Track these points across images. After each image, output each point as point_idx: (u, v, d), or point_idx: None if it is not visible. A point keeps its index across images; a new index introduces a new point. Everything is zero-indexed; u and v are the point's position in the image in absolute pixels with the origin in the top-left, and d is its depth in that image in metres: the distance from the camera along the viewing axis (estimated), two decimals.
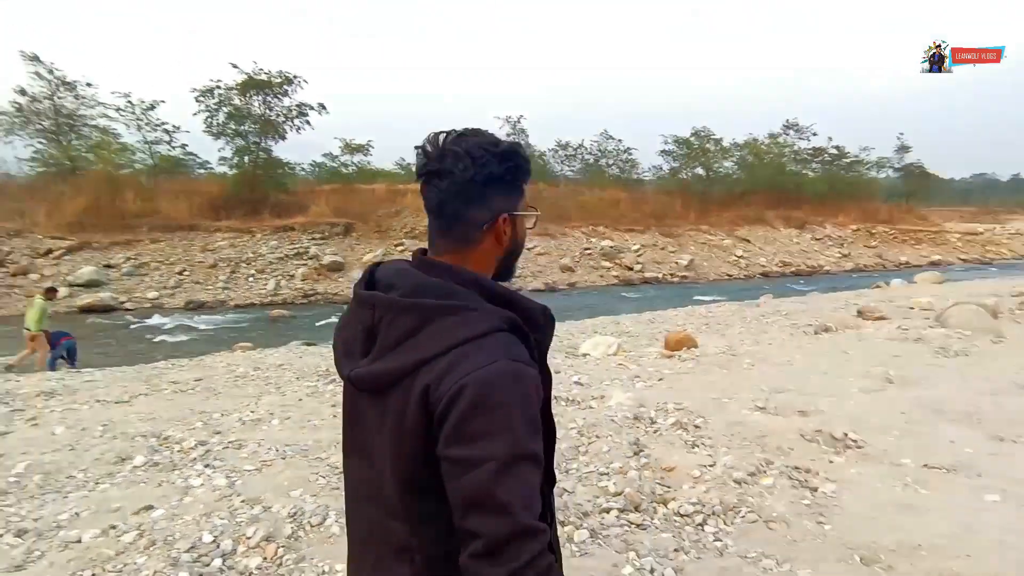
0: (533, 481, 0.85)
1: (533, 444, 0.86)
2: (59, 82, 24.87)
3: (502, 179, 1.00)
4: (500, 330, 0.90)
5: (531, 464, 0.86)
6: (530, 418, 0.87)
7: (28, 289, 18.23)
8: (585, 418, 4.77)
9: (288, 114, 26.32)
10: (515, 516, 0.82)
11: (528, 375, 0.88)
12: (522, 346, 0.92)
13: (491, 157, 0.97)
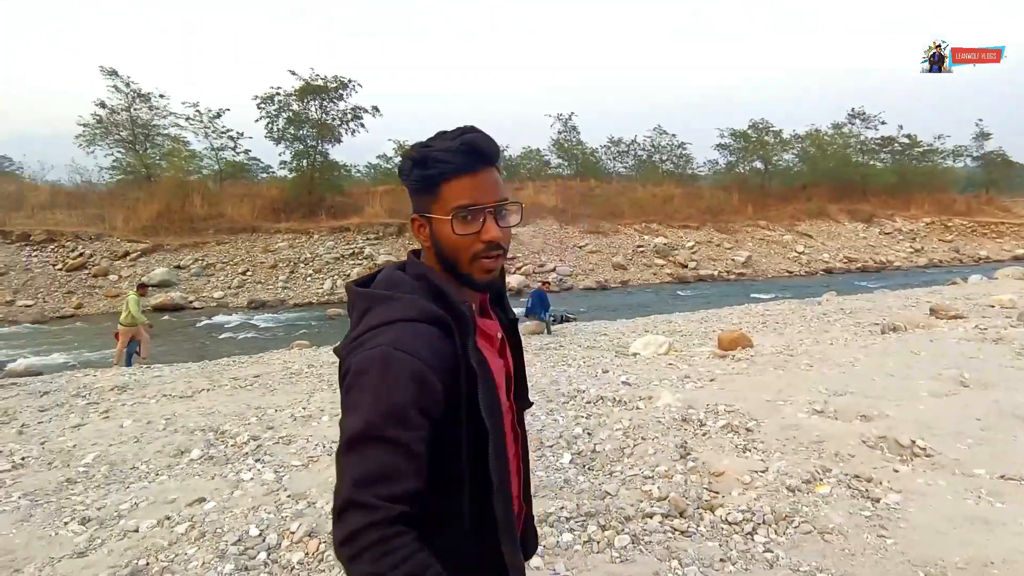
0: (379, 462, 0.86)
1: (388, 429, 0.87)
2: (135, 94, 26.39)
3: (414, 184, 1.02)
4: (407, 320, 0.93)
5: (381, 447, 0.86)
6: (391, 405, 0.88)
7: (108, 289, 19.46)
8: (631, 419, 4.66)
9: (343, 117, 27.03)
10: (349, 489, 0.85)
11: (401, 364, 0.89)
12: (427, 338, 0.93)
13: (408, 163, 1.02)
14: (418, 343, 0.91)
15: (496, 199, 1.00)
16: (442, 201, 0.98)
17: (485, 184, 0.99)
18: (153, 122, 27.19)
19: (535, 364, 7.85)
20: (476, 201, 0.97)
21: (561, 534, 2.94)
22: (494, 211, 1.00)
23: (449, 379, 0.93)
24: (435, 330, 0.94)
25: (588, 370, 7.11)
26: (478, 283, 1.01)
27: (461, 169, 0.97)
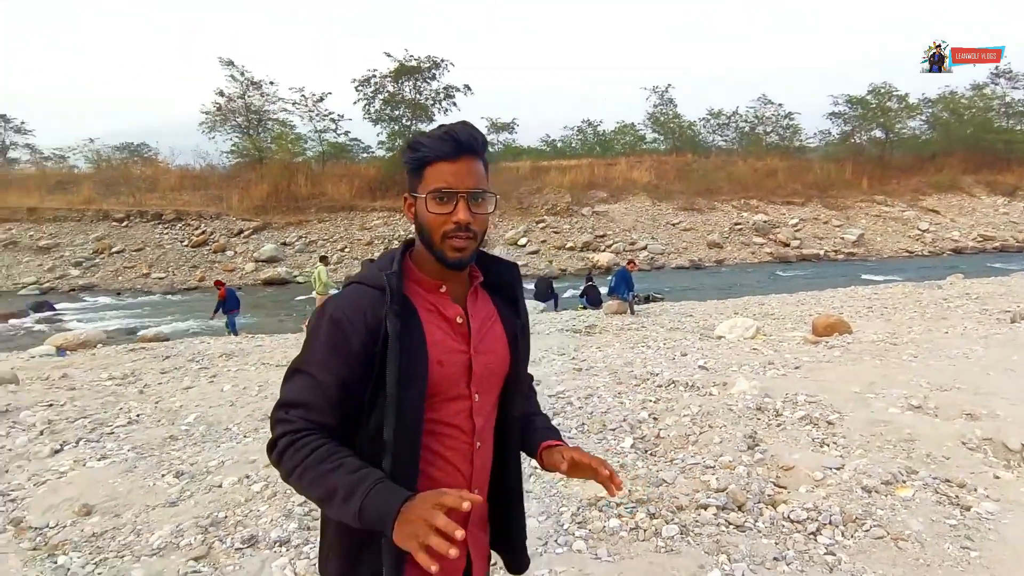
0: (297, 387, 1.04)
1: (307, 365, 1.04)
2: (248, 82, 28.34)
3: (406, 165, 1.11)
4: (354, 283, 1.10)
5: (302, 377, 1.04)
6: (313, 344, 1.05)
7: (225, 263, 21.25)
8: (701, 406, 4.48)
9: (436, 97, 27.56)
10: (274, 409, 1.05)
11: (327, 312, 1.05)
12: (364, 296, 1.06)
13: (406, 149, 1.12)
14: (349, 300, 1.06)
15: (471, 186, 1.05)
16: (424, 183, 1.06)
17: (462, 171, 1.05)
18: (264, 108, 29.09)
19: (613, 345, 7.73)
20: (451, 185, 1.04)
21: (608, 519, 2.90)
22: (467, 196, 1.05)
23: (371, 333, 1.02)
24: (371, 291, 1.06)
25: (666, 352, 6.90)
26: (449, 260, 1.06)
27: (442, 155, 1.05)
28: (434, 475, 1.08)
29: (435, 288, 1.11)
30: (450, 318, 1.10)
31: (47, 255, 20.79)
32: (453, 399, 1.09)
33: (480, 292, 1.19)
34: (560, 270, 21.75)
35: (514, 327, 1.19)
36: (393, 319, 1.01)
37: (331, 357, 1.02)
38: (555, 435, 1.25)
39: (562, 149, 43.72)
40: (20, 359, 8.53)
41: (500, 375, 1.17)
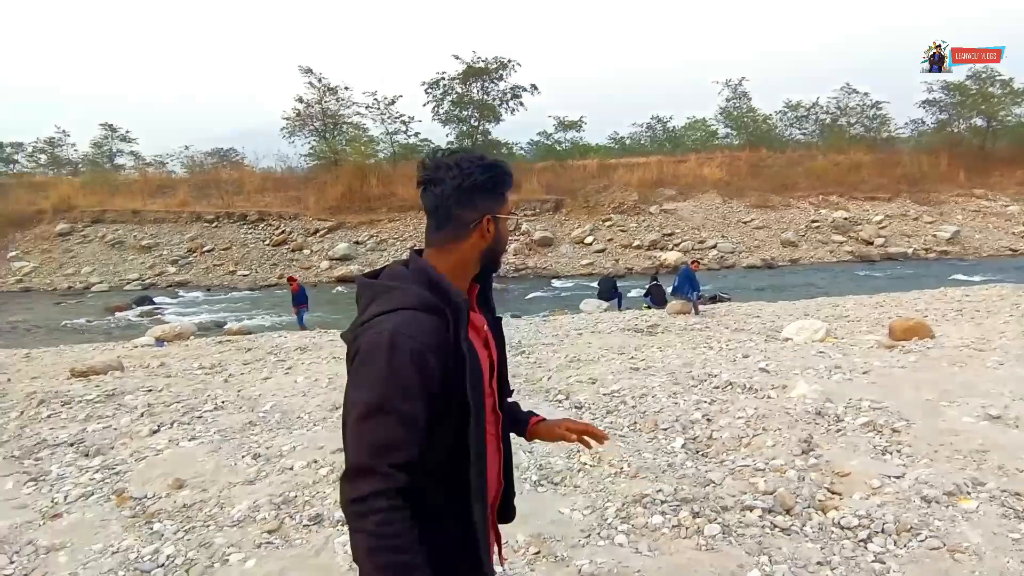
0: (391, 432, 1.02)
1: (399, 403, 1.02)
2: (325, 88, 29.65)
3: (484, 186, 1.15)
4: (407, 308, 1.07)
5: (393, 418, 1.02)
6: (399, 381, 1.02)
7: (302, 262, 22.42)
8: (757, 408, 4.42)
9: (503, 97, 27.88)
10: (364, 456, 1.03)
11: (406, 346, 1.02)
12: (427, 324, 1.06)
13: (476, 168, 1.15)
14: (417, 328, 1.05)
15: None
16: (506, 206, 1.20)
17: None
18: (340, 112, 30.34)
19: (675, 345, 7.66)
20: (513, 209, 1.25)
21: (651, 516, 2.96)
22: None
23: (443, 360, 1.06)
24: (432, 317, 1.07)
25: (728, 354, 6.79)
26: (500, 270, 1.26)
27: (513, 185, 1.23)
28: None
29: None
30: (479, 327, 1.23)
31: (148, 254, 22.63)
32: (487, 396, 1.20)
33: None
34: (626, 269, 21.54)
35: (495, 322, 1.31)
36: (467, 343, 1.09)
37: (415, 389, 1.03)
38: (531, 411, 1.48)
39: (631, 146, 43.11)
40: (125, 348, 9.41)
41: (496, 366, 1.29)
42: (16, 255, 22.36)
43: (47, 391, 5.86)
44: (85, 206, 24.59)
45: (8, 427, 4.81)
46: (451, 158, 1.17)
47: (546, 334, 9.00)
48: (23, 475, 3.79)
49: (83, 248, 22.84)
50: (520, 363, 6.88)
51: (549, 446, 3.92)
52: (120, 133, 36.11)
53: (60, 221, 23.74)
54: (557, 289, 19.06)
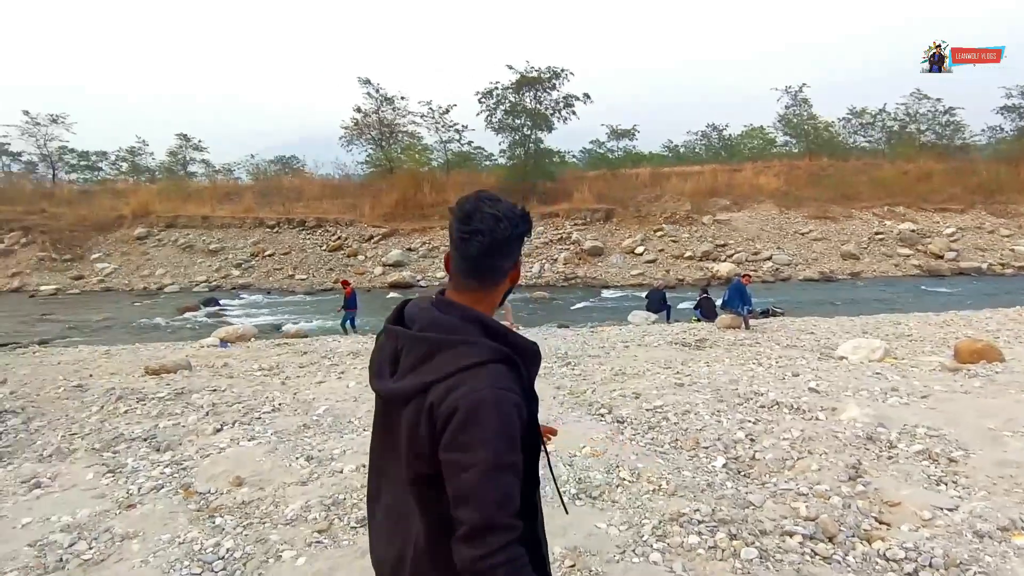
0: (509, 486, 1.05)
1: (511, 456, 1.06)
2: (382, 98, 30.59)
3: (522, 235, 1.23)
4: (491, 361, 1.10)
5: (509, 472, 1.06)
6: (509, 436, 1.06)
7: (357, 267, 23.10)
8: (803, 430, 4.35)
9: (556, 106, 28.02)
10: (491, 512, 1.03)
11: (508, 400, 1.07)
12: (510, 375, 1.11)
13: (519, 219, 1.21)
14: (508, 381, 1.09)
15: None
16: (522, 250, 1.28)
17: None
18: (396, 121, 31.22)
19: (722, 360, 7.55)
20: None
21: (688, 535, 2.98)
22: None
23: (527, 407, 1.13)
24: (508, 368, 1.12)
25: (777, 371, 6.64)
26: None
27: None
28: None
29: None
30: None
31: (215, 257, 23.84)
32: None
33: None
34: (677, 280, 21.22)
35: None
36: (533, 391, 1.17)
37: (518, 440, 1.09)
38: None
39: (685, 155, 42.48)
40: (192, 348, 9.98)
41: None
42: (99, 257, 23.96)
43: (124, 387, 6.32)
44: (161, 212, 26.14)
45: (90, 420, 5.23)
46: (494, 208, 1.19)
47: (593, 346, 9.01)
48: (102, 466, 4.13)
49: (158, 251, 24.28)
50: (565, 375, 6.94)
51: (589, 460, 3.98)
52: (193, 142, 38.25)
53: (138, 226, 25.32)
54: (606, 300, 18.97)
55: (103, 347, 10.42)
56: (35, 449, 4.57)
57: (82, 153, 35.42)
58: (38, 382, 6.82)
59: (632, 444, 4.30)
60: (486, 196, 1.21)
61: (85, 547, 3.09)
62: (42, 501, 3.64)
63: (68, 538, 3.16)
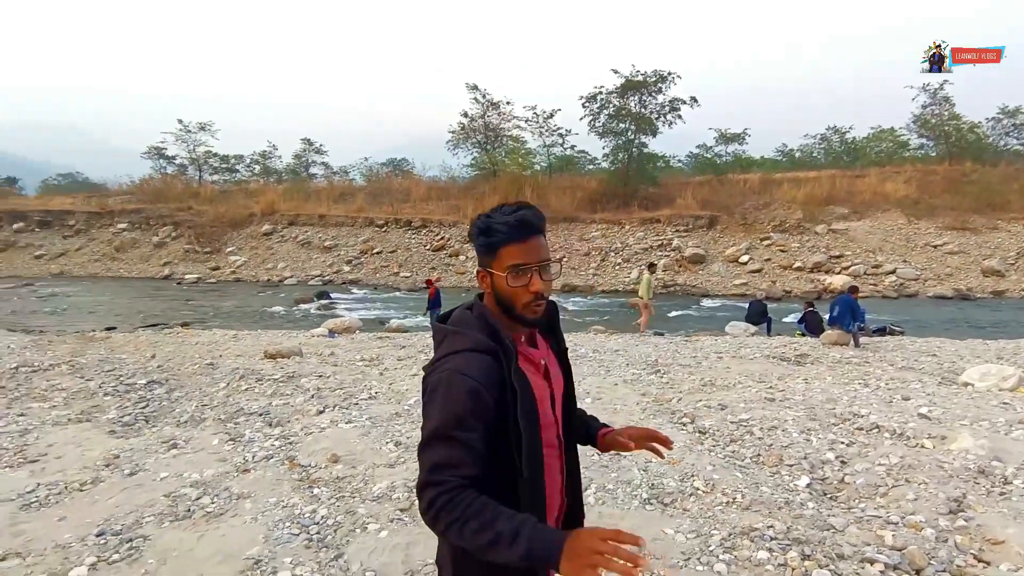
0: (447, 454, 1.16)
1: (454, 431, 1.16)
2: (488, 103, 31.44)
3: (480, 245, 1.30)
4: (468, 350, 1.23)
5: (451, 444, 1.16)
6: (455, 414, 1.16)
7: (458, 267, 23.90)
8: (903, 457, 4.07)
9: (661, 110, 27.44)
10: (425, 474, 1.17)
11: (462, 384, 1.18)
12: (483, 364, 1.21)
13: (475, 230, 1.31)
14: (473, 368, 1.20)
15: (539, 259, 1.27)
16: (499, 260, 1.27)
17: (532, 248, 1.27)
18: (500, 125, 31.97)
19: (823, 378, 7.15)
20: (525, 262, 1.26)
21: (757, 551, 2.93)
22: (539, 269, 1.27)
23: (498, 394, 1.21)
24: (487, 357, 1.22)
25: (884, 394, 6.20)
26: (529, 322, 1.31)
27: (513, 238, 1.26)
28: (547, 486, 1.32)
29: (518, 339, 1.34)
30: (536, 362, 1.35)
31: (329, 253, 25.67)
32: (548, 426, 1.33)
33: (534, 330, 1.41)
34: (784, 291, 20.10)
35: (561, 353, 1.46)
36: (518, 380, 1.23)
37: (472, 420, 1.17)
38: (602, 423, 1.58)
39: (800, 159, 39.96)
40: (304, 336, 10.89)
41: (562, 394, 1.43)
42: (232, 251, 26.59)
43: (246, 368, 7.07)
44: (284, 210, 28.53)
45: (218, 394, 5.93)
46: (475, 220, 1.31)
47: (684, 355, 8.83)
48: (225, 435, 4.70)
49: (280, 247, 26.53)
50: (652, 382, 6.89)
51: (664, 466, 3.99)
52: (315, 146, 41.31)
53: (265, 223, 27.80)
54: (705, 309, 18.35)
55: (232, 331, 11.63)
56: (174, 416, 5.27)
57: (223, 157, 39.35)
58: (179, 359, 7.78)
59: (711, 455, 4.24)
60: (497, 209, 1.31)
61: (208, 501, 3.56)
62: (177, 459, 4.22)
63: (195, 492, 3.66)
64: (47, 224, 28.73)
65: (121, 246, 27.30)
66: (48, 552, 3.01)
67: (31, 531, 3.22)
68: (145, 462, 4.16)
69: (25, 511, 3.45)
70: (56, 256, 27.03)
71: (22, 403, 5.60)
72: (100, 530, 3.21)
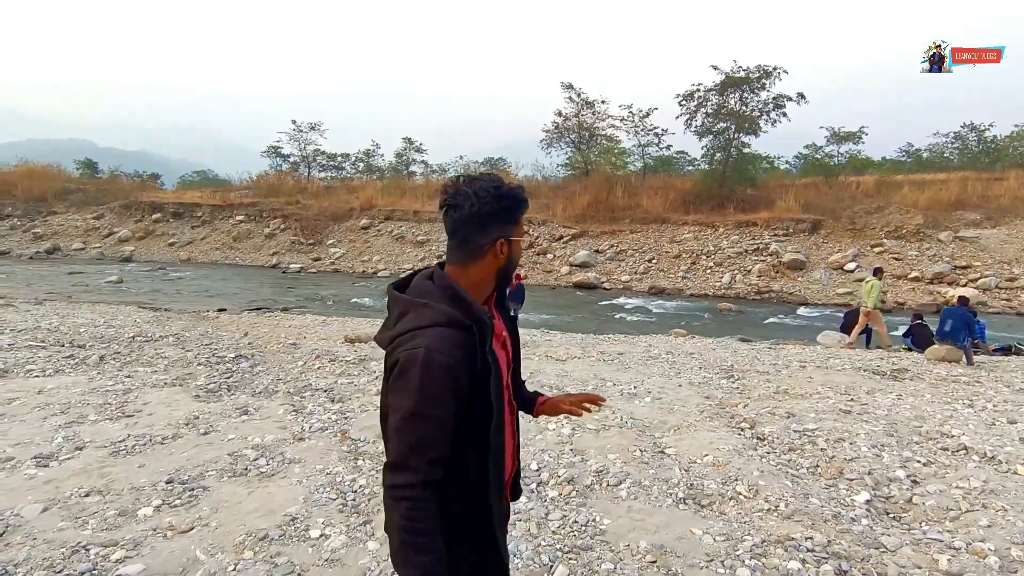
0: (425, 434, 1.19)
1: (431, 409, 1.18)
2: (583, 102, 31.26)
3: (497, 214, 1.29)
4: (438, 325, 1.21)
5: (428, 422, 1.18)
6: (431, 391, 1.17)
7: (544, 265, 23.98)
8: (987, 481, 3.66)
9: (764, 108, 26.02)
10: (405, 452, 1.20)
11: (438, 361, 1.18)
12: (455, 339, 1.21)
13: (491, 197, 1.29)
14: (449, 344, 1.19)
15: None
16: (519, 227, 1.34)
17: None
18: (595, 124, 31.67)
19: (922, 395, 6.51)
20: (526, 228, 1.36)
21: (789, 560, 2.75)
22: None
23: (471, 371, 1.21)
24: (460, 332, 1.22)
25: (988, 416, 5.56)
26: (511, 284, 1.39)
27: (526, 205, 1.35)
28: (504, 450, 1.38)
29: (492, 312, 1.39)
30: (498, 332, 1.38)
31: (421, 248, 26.64)
32: (504, 393, 1.37)
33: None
34: (896, 303, 18.43)
35: (508, 319, 1.47)
36: (491, 355, 1.25)
37: (447, 396, 1.18)
38: (539, 393, 1.62)
39: (929, 160, 36.35)
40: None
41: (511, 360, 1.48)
42: (332, 243, 28.29)
43: (324, 350, 7.54)
44: (382, 206, 29.93)
45: (293, 371, 6.37)
46: (470, 185, 1.29)
47: (764, 361, 8.37)
48: (290, 407, 5.05)
49: (376, 240, 27.88)
50: (721, 386, 6.61)
51: (707, 468, 3.83)
52: (415, 145, 42.98)
53: (363, 217, 29.32)
54: (801, 318, 17.21)
55: (322, 317, 12.41)
56: (252, 387, 5.73)
57: (330, 155, 41.91)
58: (268, 338, 8.43)
59: (762, 461, 4.01)
60: (469, 176, 1.33)
61: (264, 463, 3.86)
62: (245, 424, 4.59)
63: (254, 454, 3.98)
64: (179, 215, 31.95)
65: (238, 236, 29.82)
66: (124, 493, 3.40)
67: (114, 474, 3.64)
68: (219, 424, 4.56)
69: (113, 457, 3.91)
70: (185, 244, 30.01)
71: (131, 367, 6.32)
72: (169, 478, 3.57)
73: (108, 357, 6.69)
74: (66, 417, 4.61)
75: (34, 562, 2.67)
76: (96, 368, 6.20)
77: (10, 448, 3.97)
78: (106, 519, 3.09)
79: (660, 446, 4.27)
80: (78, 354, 6.74)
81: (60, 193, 34.06)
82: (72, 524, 3.03)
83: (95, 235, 30.65)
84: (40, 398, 5.07)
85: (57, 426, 4.40)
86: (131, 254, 28.13)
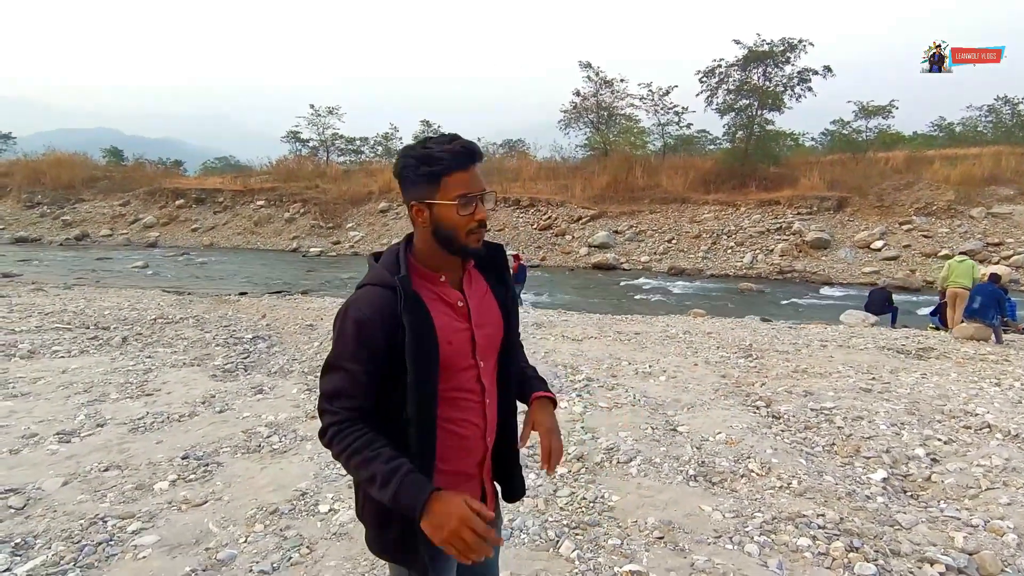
0: (338, 382, 1.21)
1: (342, 360, 1.21)
2: (601, 81, 30.76)
3: (407, 176, 1.26)
4: (368, 284, 1.26)
5: (340, 372, 1.21)
6: (343, 343, 1.21)
7: (563, 246, 23.86)
8: (1009, 459, 3.56)
9: (788, 83, 25.34)
10: (321, 401, 1.24)
11: (350, 316, 1.22)
12: (380, 296, 1.22)
13: (401, 159, 1.27)
14: (364, 303, 1.21)
15: (483, 188, 1.25)
16: (444, 190, 1.22)
17: (475, 177, 1.24)
18: (613, 104, 31.19)
19: (948, 374, 6.36)
20: (472, 191, 1.23)
21: (799, 537, 2.71)
22: (481, 198, 1.25)
23: (390, 328, 1.19)
24: (384, 291, 1.22)
25: (1016, 394, 5.40)
26: (472, 251, 1.28)
27: (459, 166, 1.22)
28: (459, 431, 1.30)
29: (436, 279, 1.30)
30: (452, 303, 1.30)
31: None
32: (464, 369, 1.29)
33: (474, 273, 1.38)
34: (924, 282, 17.99)
35: (504, 298, 1.41)
36: (407, 315, 1.19)
37: (359, 351, 1.19)
38: (544, 386, 1.49)
39: (962, 134, 35.13)
40: None
41: (498, 341, 1.37)
42: (351, 226, 28.46)
43: None
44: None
45: (308, 352, 6.44)
46: (409, 151, 1.26)
47: (784, 341, 8.23)
48: (304, 386, 5.11)
49: (395, 223, 27.96)
50: (738, 365, 6.53)
51: (719, 446, 3.79)
52: (434, 128, 42.84)
53: (382, 200, 29.41)
54: (825, 297, 16.90)
55: (341, 299, 12.51)
56: (268, 367, 5.81)
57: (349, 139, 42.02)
58: (285, 320, 8.53)
59: (776, 439, 3.95)
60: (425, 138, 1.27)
61: (276, 440, 3.91)
62: (260, 403, 4.66)
63: (268, 431, 4.04)
64: (202, 201, 32.38)
65: (259, 221, 30.16)
66: (142, 467, 3.48)
67: (133, 449, 3.72)
68: (234, 403, 4.64)
69: (132, 433, 4.00)
70: (208, 229, 30.45)
71: (152, 348, 6.45)
72: (185, 454, 3.64)
73: (131, 338, 6.83)
74: (89, 396, 4.73)
75: (53, 533, 2.75)
76: (119, 349, 6.34)
77: (34, 425, 4.08)
78: (124, 492, 3.17)
79: (672, 424, 4.23)
80: (102, 335, 6.90)
81: (87, 181, 34.67)
82: (91, 497, 3.11)
83: (122, 222, 31.23)
84: (64, 377, 5.20)
85: (80, 404, 4.52)
86: (156, 240, 28.62)
